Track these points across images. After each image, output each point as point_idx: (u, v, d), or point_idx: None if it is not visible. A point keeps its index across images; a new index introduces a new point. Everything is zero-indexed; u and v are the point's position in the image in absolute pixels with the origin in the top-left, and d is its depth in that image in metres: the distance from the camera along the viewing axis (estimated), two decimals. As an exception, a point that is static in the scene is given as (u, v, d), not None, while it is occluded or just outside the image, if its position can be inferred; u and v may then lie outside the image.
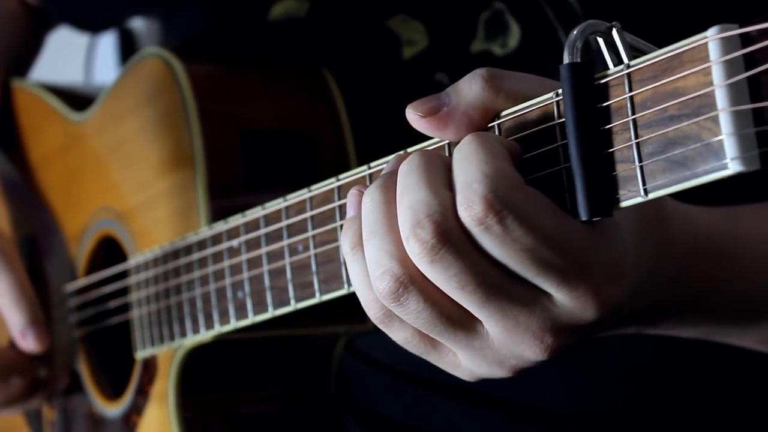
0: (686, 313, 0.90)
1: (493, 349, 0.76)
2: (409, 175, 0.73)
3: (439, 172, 0.73)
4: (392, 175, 0.76)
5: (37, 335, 1.25)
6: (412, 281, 0.73)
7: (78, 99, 1.37)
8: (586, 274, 0.72)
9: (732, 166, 0.63)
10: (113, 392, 1.27)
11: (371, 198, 0.76)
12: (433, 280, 0.72)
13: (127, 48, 1.89)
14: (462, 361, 0.79)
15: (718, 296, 0.91)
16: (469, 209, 0.69)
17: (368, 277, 0.76)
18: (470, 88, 0.77)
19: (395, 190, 0.74)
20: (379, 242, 0.74)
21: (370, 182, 0.86)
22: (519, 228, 0.69)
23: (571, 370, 1.13)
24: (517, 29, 1.09)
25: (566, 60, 0.71)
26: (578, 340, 0.76)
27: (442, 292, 0.74)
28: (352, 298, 0.88)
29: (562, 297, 0.73)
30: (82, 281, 1.30)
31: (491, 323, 0.74)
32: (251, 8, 1.19)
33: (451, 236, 0.70)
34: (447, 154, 0.79)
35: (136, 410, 1.19)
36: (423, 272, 0.73)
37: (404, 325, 0.77)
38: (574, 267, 0.71)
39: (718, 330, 0.96)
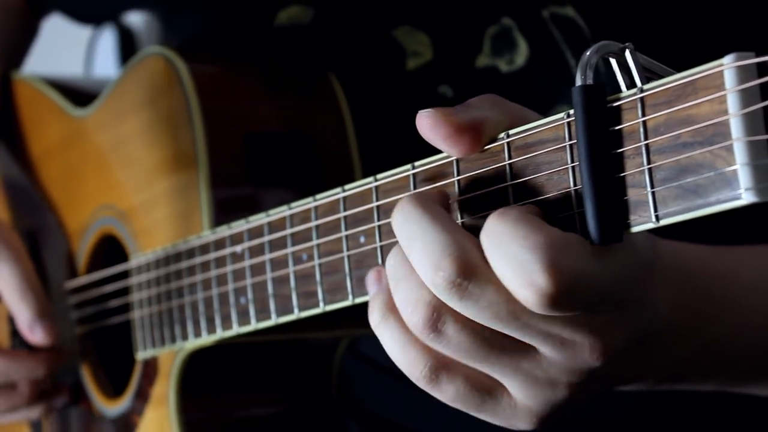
0: (696, 347, 0.88)
1: (543, 368, 0.74)
2: (408, 224, 0.73)
3: (437, 209, 0.73)
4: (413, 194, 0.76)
5: (45, 328, 1.23)
6: (445, 307, 0.72)
7: (79, 94, 1.36)
8: (630, 286, 0.72)
9: (746, 196, 0.62)
10: (114, 391, 1.26)
11: (393, 257, 0.75)
12: (467, 315, 0.72)
13: (127, 46, 1.88)
14: (517, 398, 0.77)
15: (725, 323, 0.89)
16: (531, 286, 0.68)
17: (401, 341, 0.76)
18: (481, 100, 0.76)
19: (421, 197, 0.74)
20: (406, 284, 0.73)
21: (377, 195, 0.85)
22: (580, 292, 0.69)
23: None
24: (525, 47, 1.08)
25: (578, 81, 0.70)
26: (629, 341, 0.75)
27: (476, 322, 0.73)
28: (357, 305, 0.88)
29: (608, 309, 0.73)
30: (82, 279, 1.30)
31: (539, 341, 0.73)
32: (256, 13, 1.18)
33: (475, 269, 0.70)
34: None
35: (136, 410, 1.19)
36: (456, 309, 0.72)
37: (452, 377, 0.76)
38: (622, 286, 0.72)
39: (739, 377, 0.94)
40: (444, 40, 1.12)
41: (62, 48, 1.92)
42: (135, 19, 1.83)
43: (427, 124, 0.75)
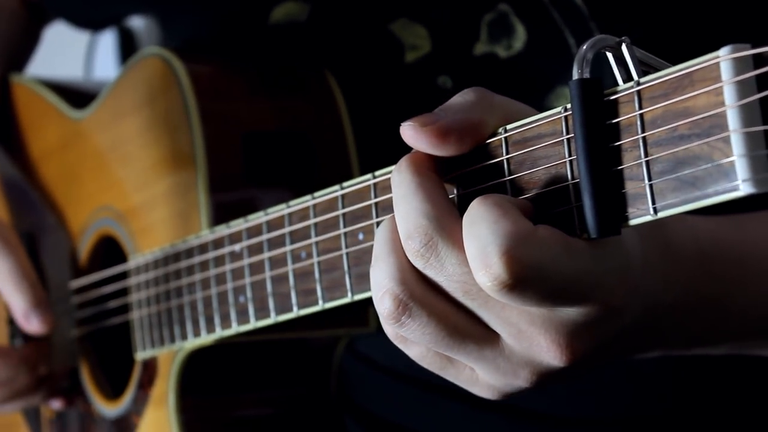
0: (706, 325, 0.89)
1: (505, 356, 0.75)
2: (398, 188, 0.75)
3: (425, 178, 0.75)
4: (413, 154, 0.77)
5: (41, 317, 1.24)
6: (412, 298, 0.74)
7: (77, 95, 1.36)
8: (596, 290, 0.71)
9: (743, 187, 0.62)
10: (113, 392, 1.26)
11: (381, 227, 0.77)
12: (435, 280, 0.74)
13: (127, 47, 1.88)
14: (480, 376, 0.78)
15: (736, 302, 0.89)
16: (487, 269, 0.69)
17: None
18: (464, 100, 0.76)
19: (420, 162, 0.76)
20: (382, 265, 0.75)
21: (375, 192, 0.85)
22: (533, 284, 0.69)
23: None
24: (522, 31, 1.08)
25: (575, 75, 0.70)
26: (599, 346, 0.75)
27: (445, 303, 0.74)
28: (355, 302, 0.88)
29: (572, 310, 0.73)
30: (81, 280, 1.30)
31: (499, 326, 0.74)
32: (252, 11, 1.18)
33: (436, 244, 0.72)
34: None
35: (135, 411, 1.19)
36: (425, 276, 0.74)
37: (417, 344, 0.78)
38: (585, 288, 0.71)
39: (749, 343, 0.95)
40: (441, 30, 1.12)
41: (62, 49, 1.93)
42: (135, 20, 1.84)
43: (410, 135, 0.76)
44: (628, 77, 0.71)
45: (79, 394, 1.30)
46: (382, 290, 0.74)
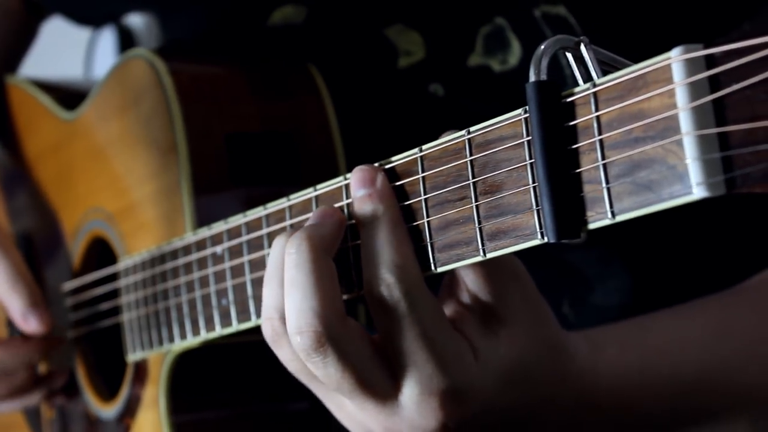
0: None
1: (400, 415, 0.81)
2: (297, 269, 0.79)
3: (325, 271, 0.79)
4: (317, 228, 0.81)
5: (38, 317, 1.23)
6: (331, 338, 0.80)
7: (70, 96, 1.36)
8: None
9: (697, 191, 0.61)
10: (108, 393, 1.26)
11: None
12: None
13: (127, 46, 1.88)
14: (351, 410, 0.84)
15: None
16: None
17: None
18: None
19: (319, 247, 0.79)
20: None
21: (347, 194, 0.85)
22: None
23: None
24: (518, 47, 1.07)
25: (532, 77, 0.69)
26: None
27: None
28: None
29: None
30: (75, 282, 1.30)
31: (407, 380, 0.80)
32: (251, 13, 1.18)
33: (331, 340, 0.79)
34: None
35: (129, 413, 1.19)
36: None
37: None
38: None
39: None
40: (436, 38, 1.11)
41: (62, 49, 1.93)
42: (135, 19, 1.83)
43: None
44: (588, 78, 0.70)
45: (76, 395, 1.30)
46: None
